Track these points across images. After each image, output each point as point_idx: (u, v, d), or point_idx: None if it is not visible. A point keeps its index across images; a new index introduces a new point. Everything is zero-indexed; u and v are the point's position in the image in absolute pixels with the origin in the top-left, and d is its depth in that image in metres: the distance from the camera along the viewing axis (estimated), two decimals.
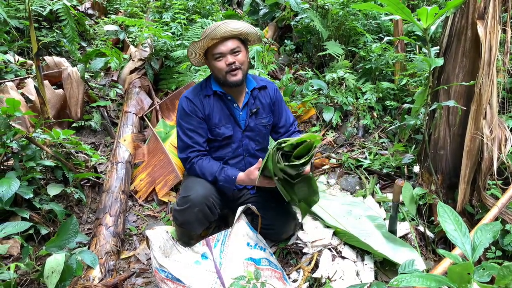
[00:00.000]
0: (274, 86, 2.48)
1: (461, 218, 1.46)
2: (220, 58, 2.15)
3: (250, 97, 2.34)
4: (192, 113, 2.25)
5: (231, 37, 2.13)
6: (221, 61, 2.15)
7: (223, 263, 1.96)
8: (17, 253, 2.32)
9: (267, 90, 2.43)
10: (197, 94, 2.29)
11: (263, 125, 2.41)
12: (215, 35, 2.07)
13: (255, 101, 2.37)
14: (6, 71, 3.83)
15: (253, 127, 2.37)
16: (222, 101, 2.30)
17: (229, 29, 2.09)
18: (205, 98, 2.28)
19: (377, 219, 2.52)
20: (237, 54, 2.16)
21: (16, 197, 2.39)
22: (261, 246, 2.13)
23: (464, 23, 2.26)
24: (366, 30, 4.62)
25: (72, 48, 4.24)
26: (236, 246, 2.04)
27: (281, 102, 2.50)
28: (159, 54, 4.70)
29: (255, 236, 2.15)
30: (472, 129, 2.19)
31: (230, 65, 2.14)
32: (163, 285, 1.93)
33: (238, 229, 2.12)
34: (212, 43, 2.12)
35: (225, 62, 2.14)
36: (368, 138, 3.69)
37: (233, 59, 2.14)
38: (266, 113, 2.42)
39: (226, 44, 2.12)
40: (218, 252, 2.02)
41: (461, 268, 1.18)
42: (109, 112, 4.29)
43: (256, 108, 2.36)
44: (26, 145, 2.58)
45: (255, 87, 2.37)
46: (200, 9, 5.62)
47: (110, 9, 6.48)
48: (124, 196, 2.92)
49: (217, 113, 2.29)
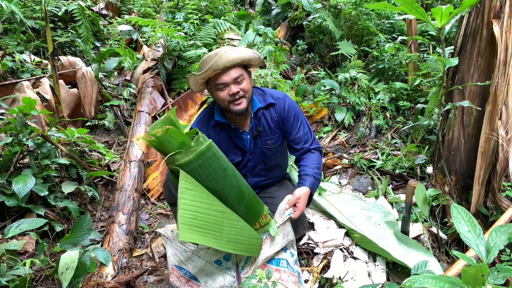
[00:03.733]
0: (284, 102, 2.24)
1: (475, 220, 1.44)
2: (223, 88, 2.02)
3: (254, 119, 2.21)
4: None
5: (233, 66, 2.00)
6: (223, 91, 2.03)
7: (246, 267, 1.95)
8: (32, 249, 2.36)
9: (275, 107, 2.23)
10: (204, 125, 2.21)
11: (267, 147, 2.25)
12: (217, 66, 1.95)
13: (259, 121, 2.22)
14: (23, 71, 3.90)
15: (255, 150, 2.26)
16: (228, 129, 2.22)
17: (230, 59, 1.95)
18: (211, 128, 2.21)
19: (396, 226, 2.46)
20: (240, 82, 2.03)
21: (31, 194, 2.44)
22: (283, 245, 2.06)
23: (480, 22, 2.23)
24: (379, 29, 4.59)
25: (86, 48, 4.29)
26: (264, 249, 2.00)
27: (295, 117, 2.25)
28: (172, 54, 4.73)
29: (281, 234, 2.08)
30: (487, 130, 2.16)
31: (233, 95, 2.02)
32: (177, 282, 1.93)
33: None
34: (213, 74, 2.00)
35: (228, 93, 2.02)
36: (380, 138, 3.66)
37: (237, 89, 2.01)
38: (273, 133, 2.24)
39: (229, 74, 1.99)
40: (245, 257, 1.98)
41: (475, 270, 1.17)
42: (122, 111, 4.34)
43: (258, 131, 2.22)
44: (42, 143, 2.62)
45: (260, 107, 2.20)
46: (212, 9, 5.64)
47: (124, 10, 6.54)
48: (137, 194, 2.94)
49: (224, 142, 2.22)
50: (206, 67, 1.97)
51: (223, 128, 2.22)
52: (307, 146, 2.25)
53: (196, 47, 4.60)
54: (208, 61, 1.98)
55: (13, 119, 2.50)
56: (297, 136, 2.25)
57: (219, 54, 1.96)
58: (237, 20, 5.72)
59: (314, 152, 2.25)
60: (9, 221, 2.45)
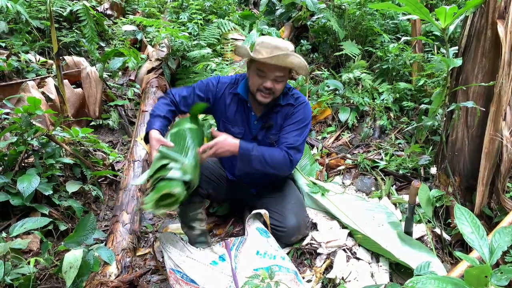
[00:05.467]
0: (301, 107, 2.26)
1: (478, 221, 1.44)
2: (261, 76, 2.06)
3: (269, 111, 2.26)
4: (206, 92, 2.28)
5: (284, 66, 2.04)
6: (260, 78, 2.07)
7: (238, 267, 1.97)
8: (37, 248, 2.37)
9: (291, 107, 2.26)
10: (226, 84, 2.29)
11: (270, 141, 2.30)
12: (276, 61, 1.97)
13: (273, 116, 2.27)
14: (28, 71, 3.92)
15: (260, 140, 2.30)
16: (242, 105, 2.29)
17: (287, 62, 1.99)
18: (229, 94, 2.28)
19: (399, 226, 2.45)
20: (279, 82, 2.09)
21: (36, 194, 2.45)
22: (270, 254, 2.09)
23: (484, 22, 2.22)
24: (383, 30, 4.57)
25: (91, 48, 4.31)
26: (246, 254, 2.05)
27: (298, 121, 2.24)
28: (176, 54, 4.74)
29: (265, 242, 2.13)
30: (491, 131, 2.15)
31: (266, 89, 2.07)
32: (177, 285, 1.94)
33: (249, 236, 2.12)
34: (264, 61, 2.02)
35: (262, 83, 2.06)
36: (384, 139, 3.65)
37: (271, 86, 2.06)
38: (277, 130, 2.29)
39: (275, 72, 2.04)
40: (233, 256, 2.03)
41: (478, 271, 1.16)
42: (126, 111, 4.36)
43: (269, 124, 2.27)
44: (46, 142, 2.64)
45: (280, 104, 2.24)
46: (216, 10, 5.66)
47: (128, 10, 6.57)
48: (140, 194, 2.95)
49: (235, 112, 2.29)
50: (263, 55, 1.98)
51: (239, 101, 2.28)
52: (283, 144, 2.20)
53: (200, 47, 4.62)
54: (265, 46, 2.00)
55: (18, 119, 2.52)
56: (286, 136, 2.21)
57: (280, 50, 1.98)
58: (241, 20, 5.73)
59: (282, 150, 2.17)
60: (14, 220, 2.46)
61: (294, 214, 2.36)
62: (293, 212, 2.36)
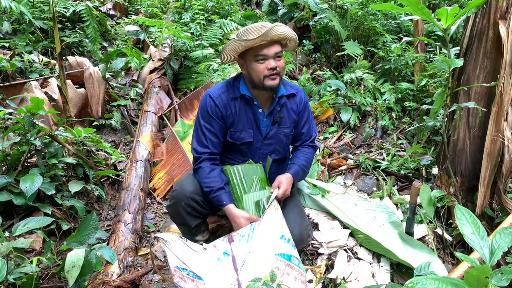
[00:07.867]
0: (303, 95, 2.34)
1: (479, 221, 1.44)
2: (262, 60, 2.03)
3: (277, 104, 2.22)
4: (213, 114, 2.15)
5: (277, 41, 2.04)
6: (262, 63, 2.03)
7: (247, 260, 1.92)
8: (39, 247, 2.39)
9: (295, 98, 2.29)
10: (222, 95, 2.18)
11: (284, 134, 2.29)
12: (267, 36, 1.96)
13: (281, 109, 2.24)
14: (31, 71, 3.95)
15: (273, 135, 2.26)
16: (249, 105, 2.20)
17: (280, 32, 1.99)
18: (231, 101, 2.18)
19: (400, 226, 2.44)
20: (279, 59, 2.06)
21: (39, 193, 2.47)
22: (293, 244, 2.04)
23: (486, 23, 2.22)
24: (385, 30, 4.57)
25: (94, 48, 4.34)
26: (267, 238, 1.95)
27: (307, 113, 2.35)
28: (179, 54, 4.76)
29: (288, 231, 2.06)
30: (493, 131, 2.15)
31: (271, 70, 2.03)
32: (182, 283, 1.93)
33: (270, 219, 2.02)
34: (259, 43, 2.00)
35: (266, 66, 2.03)
36: (386, 139, 3.65)
37: (276, 64, 2.03)
38: (290, 122, 2.29)
39: (272, 48, 2.02)
40: (242, 248, 1.94)
41: (478, 271, 1.17)
42: (129, 111, 4.37)
43: (280, 117, 2.24)
44: (49, 142, 2.65)
45: (284, 95, 2.22)
46: (219, 10, 5.67)
47: (131, 10, 6.59)
48: (142, 193, 2.97)
49: (242, 117, 2.20)
50: (255, 35, 1.96)
51: (245, 103, 2.21)
52: (306, 142, 2.40)
53: (203, 47, 4.63)
54: (252, 30, 1.99)
55: (21, 119, 2.53)
56: (303, 131, 2.37)
57: (267, 26, 1.97)
58: (244, 21, 5.73)
59: (309, 148, 2.40)
60: (17, 220, 2.48)
61: (297, 225, 2.25)
62: (296, 224, 2.24)
